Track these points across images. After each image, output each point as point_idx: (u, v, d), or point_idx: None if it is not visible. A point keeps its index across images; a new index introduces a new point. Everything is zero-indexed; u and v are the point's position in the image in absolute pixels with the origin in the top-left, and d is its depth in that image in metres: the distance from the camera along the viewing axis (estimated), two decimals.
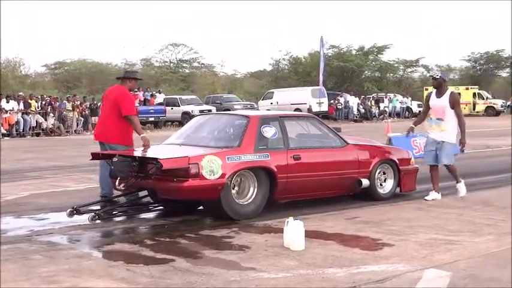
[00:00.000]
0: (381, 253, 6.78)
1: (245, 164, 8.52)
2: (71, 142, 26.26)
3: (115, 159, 8.51)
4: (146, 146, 9.21)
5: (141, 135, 9.37)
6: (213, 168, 8.12)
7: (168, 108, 38.02)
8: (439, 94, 10.03)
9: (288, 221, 6.98)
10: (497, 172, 13.81)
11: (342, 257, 6.57)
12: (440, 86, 10.05)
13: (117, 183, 8.52)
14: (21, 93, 33.49)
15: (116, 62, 64.81)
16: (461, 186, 10.20)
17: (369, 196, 9.97)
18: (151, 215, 9.03)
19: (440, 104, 9.97)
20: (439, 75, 10.18)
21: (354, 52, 64.88)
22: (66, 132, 32.54)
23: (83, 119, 34.42)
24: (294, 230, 6.90)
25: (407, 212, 9.18)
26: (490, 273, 5.95)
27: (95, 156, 9.18)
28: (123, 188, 8.58)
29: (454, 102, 10.01)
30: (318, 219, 8.53)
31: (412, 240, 7.29)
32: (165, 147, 9.34)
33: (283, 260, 6.44)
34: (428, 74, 12.18)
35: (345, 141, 9.87)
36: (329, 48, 59.23)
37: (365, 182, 9.76)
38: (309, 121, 10.12)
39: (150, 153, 8.79)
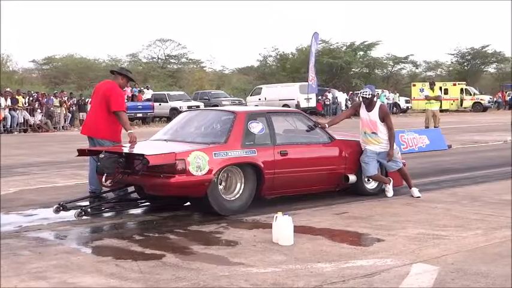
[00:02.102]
0: (369, 248, 6.81)
1: (232, 160, 8.51)
2: (58, 138, 26.19)
3: (102, 155, 8.48)
4: (133, 142, 9.17)
5: (129, 131, 9.32)
6: (199, 164, 8.10)
7: (156, 104, 38.02)
8: (369, 108, 9.93)
9: (276, 217, 6.99)
10: (485, 167, 13.89)
11: (331, 252, 6.59)
12: (371, 103, 9.98)
13: (103, 179, 8.50)
14: (8, 89, 33.34)
15: (103, 58, 64.73)
16: (415, 191, 10.03)
17: (356, 191, 9.99)
18: (139, 210, 9.03)
19: (370, 118, 9.89)
20: (369, 92, 9.91)
21: (343, 48, 65.05)
22: (54, 128, 32.46)
23: (70, 115, 34.36)
24: (282, 225, 6.92)
25: (396, 207, 9.22)
26: (478, 267, 5.98)
27: (81, 152, 9.16)
28: (109, 185, 8.56)
29: (384, 115, 9.93)
30: (306, 215, 8.56)
31: (400, 235, 7.32)
32: (152, 144, 9.32)
33: (271, 255, 6.45)
34: (363, 92, 11.76)
35: (331, 137, 9.87)
36: (319, 43, 59.34)
37: (352, 178, 9.76)
38: (296, 117, 10.10)
39: (137, 150, 8.74)
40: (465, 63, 71.82)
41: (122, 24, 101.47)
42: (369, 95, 9.88)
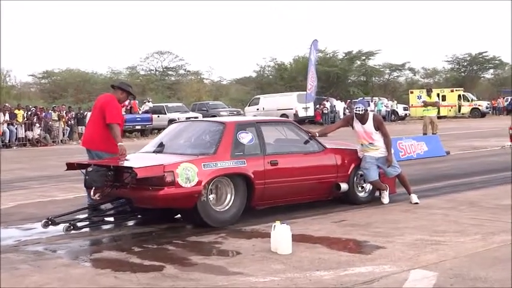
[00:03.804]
0: (368, 255, 6.82)
1: (221, 171, 8.46)
2: (57, 152, 26.12)
3: (90, 168, 8.46)
4: (122, 155, 9.14)
5: (119, 143, 9.31)
6: (188, 175, 8.06)
7: (154, 116, 38.05)
8: (363, 121, 9.97)
9: (274, 226, 7.01)
10: (483, 173, 13.90)
11: (329, 259, 6.61)
12: (364, 116, 9.99)
13: (92, 193, 8.47)
14: (6, 104, 33.34)
15: (101, 71, 64.94)
16: (414, 197, 10.08)
17: (348, 200, 9.95)
18: (137, 222, 8.99)
19: (366, 130, 9.93)
20: (362, 108, 9.94)
21: (340, 57, 65.22)
22: (53, 142, 32.44)
23: (69, 128, 34.36)
24: (280, 234, 6.93)
25: (393, 214, 9.23)
26: (476, 272, 5.99)
27: (70, 166, 9.16)
28: (98, 198, 8.52)
29: (379, 124, 10.01)
30: (304, 223, 8.57)
31: (398, 242, 7.34)
32: (141, 156, 9.29)
33: (270, 264, 6.47)
34: (358, 107, 11.89)
35: (322, 145, 9.83)
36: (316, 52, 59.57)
37: (344, 186, 9.72)
38: (286, 126, 10.09)
39: (125, 162, 8.74)
40: (462, 70, 72.05)
41: (120, 37, 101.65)
42: (361, 110, 9.93)
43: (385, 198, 10.05)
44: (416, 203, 9.86)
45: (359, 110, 9.93)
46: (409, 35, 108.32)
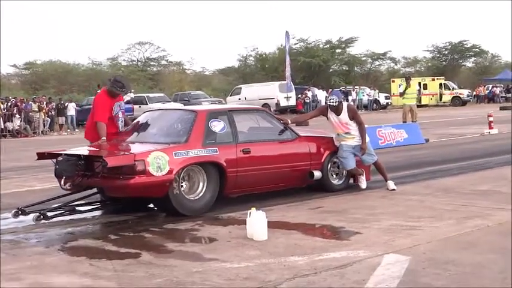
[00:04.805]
0: (343, 240, 6.89)
1: (193, 160, 8.45)
2: (37, 143, 26.03)
3: (60, 158, 8.44)
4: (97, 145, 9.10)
5: (102, 138, 9.28)
6: (160, 164, 8.04)
7: (135, 107, 37.93)
8: (338, 112, 10.02)
9: (250, 212, 7.04)
10: (461, 160, 14.00)
11: (304, 245, 6.65)
12: (338, 108, 10.04)
13: (62, 182, 8.45)
14: None
15: (82, 62, 64.48)
16: (390, 184, 10.14)
17: (323, 188, 9.96)
18: (109, 211, 8.98)
19: (342, 121, 9.99)
20: (336, 99, 9.98)
21: (321, 46, 65.29)
22: (33, 133, 32.30)
23: (49, 119, 34.21)
24: (256, 220, 6.97)
25: (371, 200, 9.30)
26: (448, 256, 6.05)
27: (40, 156, 9.12)
28: (69, 188, 8.50)
29: (353, 113, 10.11)
30: (281, 210, 8.61)
31: (374, 227, 7.39)
32: (113, 145, 9.26)
33: (245, 250, 6.50)
34: (331, 99, 11.71)
35: (295, 133, 9.83)
36: (297, 43, 59.92)
37: (317, 174, 9.72)
38: (258, 114, 10.06)
39: (96, 151, 8.70)
40: (443, 59, 72.40)
41: (101, 28, 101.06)
42: (335, 102, 9.96)
43: (363, 183, 10.12)
44: (393, 190, 9.93)
45: (333, 102, 9.97)
46: (389, 24, 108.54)
